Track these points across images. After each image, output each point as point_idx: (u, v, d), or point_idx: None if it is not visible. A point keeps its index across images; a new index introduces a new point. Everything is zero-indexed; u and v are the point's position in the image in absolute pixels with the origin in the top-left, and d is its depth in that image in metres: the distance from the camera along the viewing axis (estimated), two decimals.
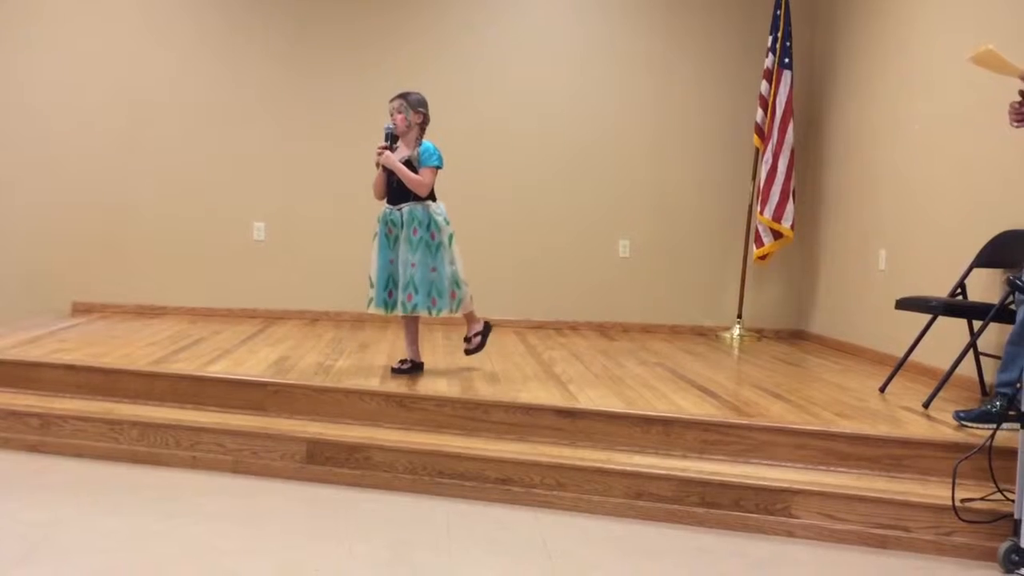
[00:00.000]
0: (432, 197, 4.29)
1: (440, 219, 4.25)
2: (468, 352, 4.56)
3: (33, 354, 4.42)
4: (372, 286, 4.33)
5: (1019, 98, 3.34)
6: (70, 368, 4.20)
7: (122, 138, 6.38)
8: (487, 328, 4.54)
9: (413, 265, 4.19)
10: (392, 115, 4.26)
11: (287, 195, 6.46)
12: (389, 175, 4.25)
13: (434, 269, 4.21)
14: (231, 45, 6.42)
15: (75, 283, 6.38)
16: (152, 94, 6.38)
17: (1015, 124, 3.39)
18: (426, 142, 4.27)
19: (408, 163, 4.21)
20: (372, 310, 4.34)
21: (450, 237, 4.28)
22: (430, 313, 4.22)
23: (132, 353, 4.59)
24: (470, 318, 4.51)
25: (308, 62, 6.44)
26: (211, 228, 6.43)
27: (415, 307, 4.21)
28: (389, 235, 4.29)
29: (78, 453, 3.87)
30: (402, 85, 4.43)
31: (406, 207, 4.24)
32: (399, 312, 4.27)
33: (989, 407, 3.55)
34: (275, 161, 6.45)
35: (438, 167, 4.27)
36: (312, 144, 6.46)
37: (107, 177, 6.38)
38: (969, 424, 3.57)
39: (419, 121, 4.29)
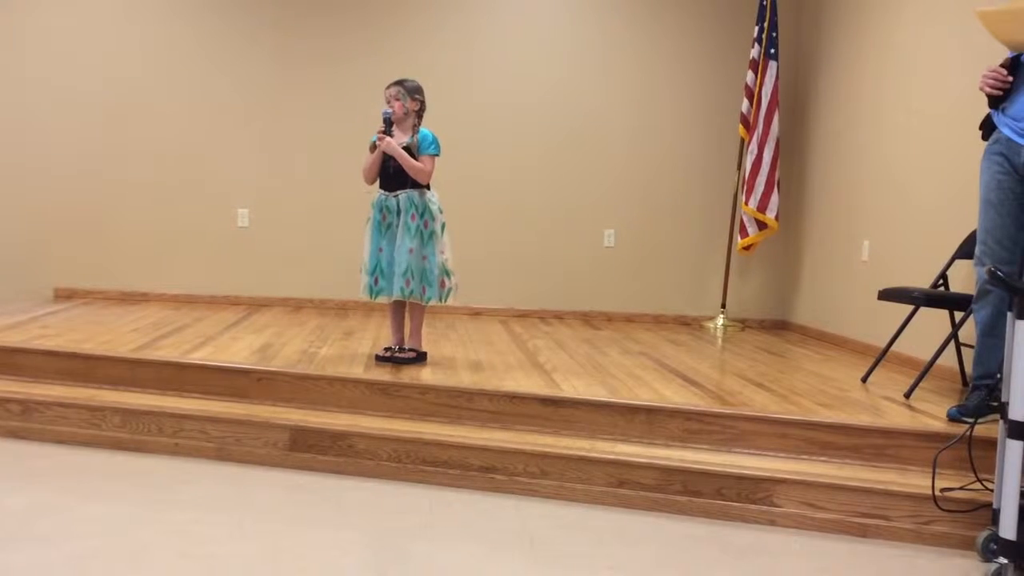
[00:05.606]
0: (427, 185, 4.28)
1: (434, 208, 4.25)
2: (394, 359, 4.27)
3: (14, 339, 4.39)
4: (363, 272, 4.33)
5: (1002, 68, 3.34)
6: (52, 354, 4.18)
7: (106, 125, 6.34)
8: (422, 358, 4.36)
9: (411, 251, 4.17)
10: (389, 102, 4.24)
11: (271, 182, 6.44)
12: (385, 161, 4.24)
13: (425, 257, 4.21)
14: (216, 33, 6.38)
15: (57, 268, 6.35)
16: (135, 80, 6.34)
17: (987, 90, 3.39)
18: (424, 130, 4.26)
19: (407, 150, 4.20)
20: (362, 295, 4.34)
21: (442, 226, 4.27)
22: (420, 300, 4.23)
23: (115, 339, 4.57)
24: (418, 329, 4.38)
25: (293, 49, 6.41)
26: (195, 214, 6.40)
27: (412, 292, 4.20)
28: (383, 222, 4.27)
29: (60, 439, 3.85)
30: (387, 74, 4.40)
31: (403, 194, 4.23)
32: (396, 296, 4.23)
33: (984, 401, 3.47)
34: (259, 148, 6.42)
35: (437, 155, 4.26)
36: (296, 131, 6.43)
37: (90, 163, 6.34)
38: (966, 420, 3.43)
39: (416, 108, 4.27)
